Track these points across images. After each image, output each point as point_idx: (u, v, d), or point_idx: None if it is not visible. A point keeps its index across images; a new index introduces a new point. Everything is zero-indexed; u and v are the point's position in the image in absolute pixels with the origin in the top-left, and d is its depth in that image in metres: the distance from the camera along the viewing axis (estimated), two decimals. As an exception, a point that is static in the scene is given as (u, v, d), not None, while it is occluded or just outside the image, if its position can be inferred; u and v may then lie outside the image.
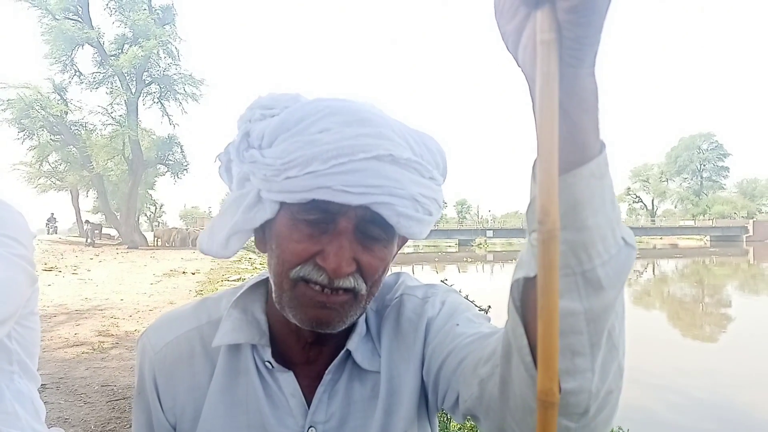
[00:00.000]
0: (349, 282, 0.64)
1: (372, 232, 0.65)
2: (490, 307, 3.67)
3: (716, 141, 77.34)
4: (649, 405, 5.92)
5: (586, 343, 0.46)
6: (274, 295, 0.68)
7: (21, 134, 31.06)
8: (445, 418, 3.59)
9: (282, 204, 0.65)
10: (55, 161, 35.23)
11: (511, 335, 0.52)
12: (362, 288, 0.66)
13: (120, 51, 30.95)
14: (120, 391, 4.56)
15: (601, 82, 0.43)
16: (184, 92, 32.83)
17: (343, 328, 0.67)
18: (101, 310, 8.76)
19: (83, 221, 40.30)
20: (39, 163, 33.95)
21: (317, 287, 0.64)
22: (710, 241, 55.65)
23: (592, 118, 0.43)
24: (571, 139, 0.43)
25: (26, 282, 0.88)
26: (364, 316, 0.75)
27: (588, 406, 0.49)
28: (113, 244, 31.96)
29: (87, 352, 5.87)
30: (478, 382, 0.60)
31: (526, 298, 0.50)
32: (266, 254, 0.70)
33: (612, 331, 0.48)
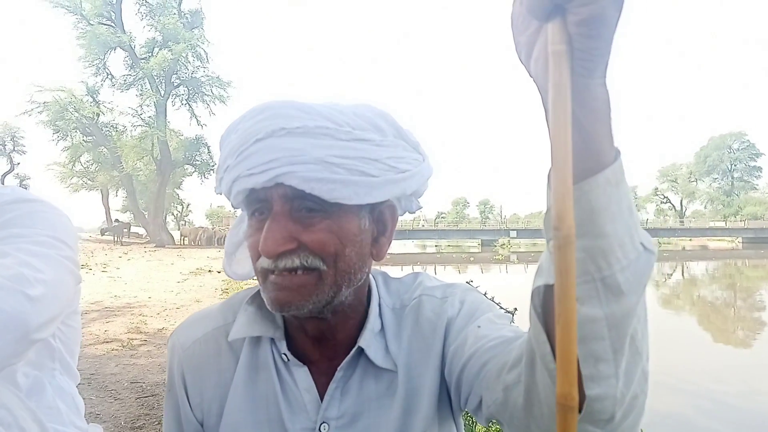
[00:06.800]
0: (291, 261, 0.63)
1: (307, 207, 0.64)
2: (516, 309, 3.62)
3: (748, 140, 74.87)
4: (682, 411, 5.77)
5: (608, 348, 0.46)
6: None
7: (55, 135, 32.09)
8: (471, 420, 3.56)
9: None
10: (87, 161, 36.33)
11: (534, 343, 0.51)
12: (319, 265, 0.64)
13: (150, 54, 31.71)
14: (149, 388, 4.64)
15: (614, 90, 0.44)
16: (211, 94, 33.49)
17: (313, 308, 0.66)
18: (130, 307, 8.96)
19: (113, 220, 41.30)
20: (72, 163, 35.04)
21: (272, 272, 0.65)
22: (742, 242, 53.97)
23: (605, 127, 0.44)
24: (585, 147, 0.44)
25: (72, 283, 0.90)
26: (377, 312, 0.76)
27: (613, 412, 0.48)
28: (141, 243, 32.66)
29: (117, 349, 6.00)
30: (503, 389, 0.59)
31: (547, 305, 0.50)
32: None
33: (635, 336, 0.47)
